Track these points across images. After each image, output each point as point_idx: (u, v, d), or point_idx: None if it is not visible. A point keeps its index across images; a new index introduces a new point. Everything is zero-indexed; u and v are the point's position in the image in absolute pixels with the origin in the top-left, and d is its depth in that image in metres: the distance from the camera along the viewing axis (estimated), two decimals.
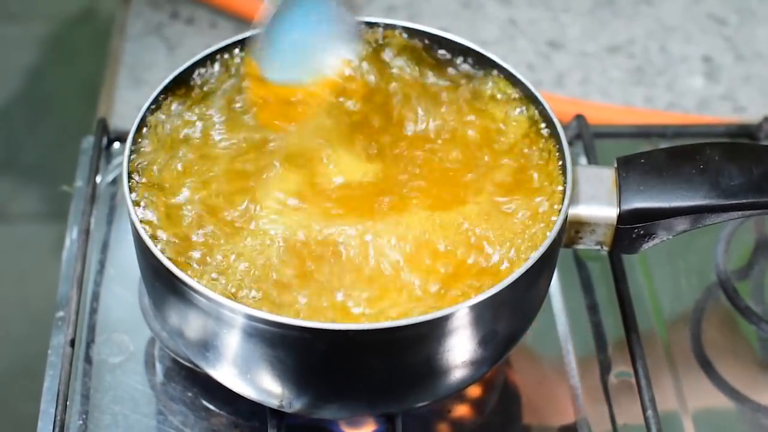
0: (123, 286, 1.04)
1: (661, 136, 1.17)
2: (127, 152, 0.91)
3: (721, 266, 1.05)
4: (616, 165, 0.91)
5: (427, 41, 1.00)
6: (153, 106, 0.95)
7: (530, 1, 1.36)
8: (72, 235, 1.07)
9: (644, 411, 0.94)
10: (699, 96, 1.27)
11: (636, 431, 0.96)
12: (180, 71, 0.97)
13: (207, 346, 0.87)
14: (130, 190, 0.89)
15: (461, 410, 0.98)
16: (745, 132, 1.16)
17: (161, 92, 0.96)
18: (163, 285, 0.87)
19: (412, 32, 1.00)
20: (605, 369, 1.01)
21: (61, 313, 1.01)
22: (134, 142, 0.92)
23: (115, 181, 1.13)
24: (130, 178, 0.90)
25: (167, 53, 1.29)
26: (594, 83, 1.28)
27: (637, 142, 1.17)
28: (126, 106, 1.23)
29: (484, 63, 0.99)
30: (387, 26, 1.01)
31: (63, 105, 2.10)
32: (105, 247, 1.08)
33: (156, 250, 0.85)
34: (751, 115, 1.24)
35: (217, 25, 1.32)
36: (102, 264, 1.06)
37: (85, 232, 1.03)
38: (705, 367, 1.02)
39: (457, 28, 1.03)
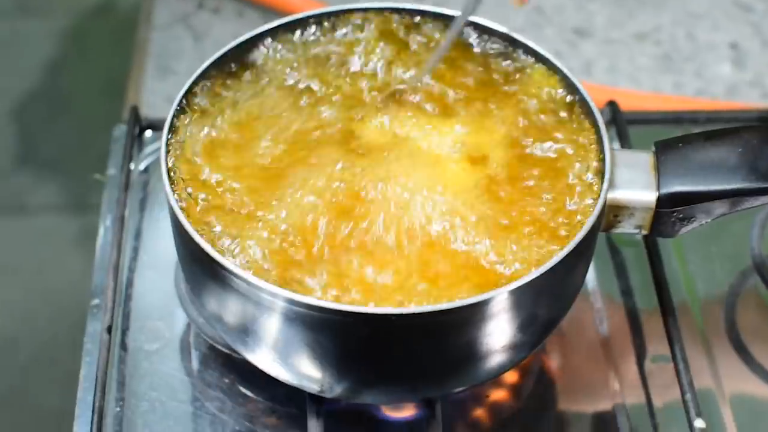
0: (157, 273, 1.04)
1: (692, 122, 1.17)
2: (164, 137, 0.91)
3: (756, 250, 1.04)
4: (654, 149, 0.91)
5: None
6: (190, 92, 0.95)
7: None
8: (105, 222, 1.07)
9: (683, 394, 0.94)
10: (727, 83, 1.27)
11: (674, 415, 0.95)
12: (219, 55, 0.97)
13: (247, 331, 0.87)
14: (168, 175, 0.89)
15: (499, 395, 0.98)
16: None
17: (199, 76, 0.95)
18: (202, 270, 0.87)
19: (443, 18, 1.01)
20: (641, 353, 1.01)
21: (96, 301, 1.01)
22: (171, 127, 0.92)
23: (147, 170, 1.12)
24: (167, 164, 0.90)
25: (194, 43, 1.28)
26: (622, 71, 1.28)
27: (668, 128, 1.17)
28: (154, 96, 1.23)
29: (518, 49, 0.99)
30: (412, 12, 1.01)
31: (83, 98, 2.10)
32: (138, 234, 1.07)
33: (195, 235, 0.85)
34: None
35: (243, 14, 1.31)
36: (136, 251, 1.06)
37: (120, 220, 1.03)
38: (740, 350, 1.02)
39: (484, 16, 1.03)
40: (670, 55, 1.30)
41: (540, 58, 0.98)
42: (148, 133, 1.14)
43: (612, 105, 1.12)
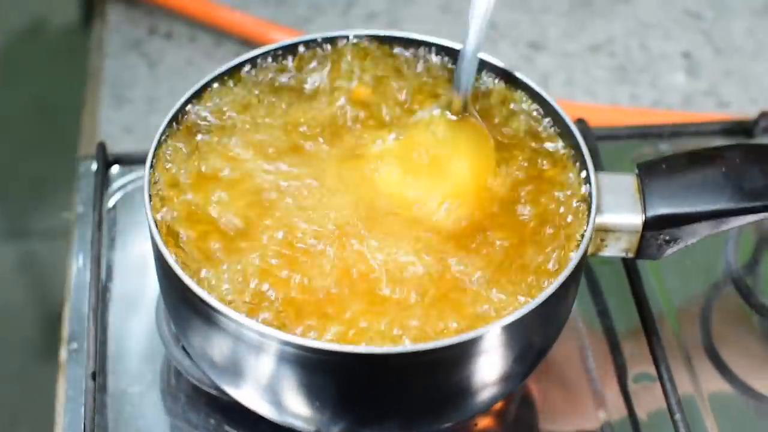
0: (134, 314, 1.02)
1: (658, 137, 1.17)
2: (147, 174, 0.89)
3: (733, 265, 1.05)
4: (637, 171, 0.91)
5: (430, 51, 1.00)
6: (168, 127, 0.92)
7: (509, 3, 1.36)
8: (78, 263, 1.04)
9: (672, 415, 0.94)
10: (682, 92, 1.28)
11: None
12: (195, 90, 0.95)
13: (242, 374, 0.85)
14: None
15: (486, 422, 0.97)
16: (742, 128, 1.16)
17: (176, 113, 0.93)
18: (191, 312, 0.85)
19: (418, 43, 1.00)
20: (623, 373, 1.01)
21: (74, 345, 0.99)
22: (151, 164, 0.90)
23: (116, 206, 1.09)
24: (151, 201, 0.88)
25: (148, 70, 1.26)
26: (578, 83, 1.28)
27: (634, 143, 1.17)
28: (110, 126, 1.21)
29: (484, 69, 0.99)
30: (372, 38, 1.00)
31: (15, 121, 2.05)
32: (110, 273, 1.05)
33: (185, 277, 0.83)
34: (734, 110, 1.25)
35: (196, 38, 1.29)
36: (108, 291, 1.03)
37: (96, 260, 1.01)
38: (720, 366, 1.02)
39: (438, 34, 1.02)
40: (625, 66, 1.30)
41: (516, 83, 0.98)
42: (115, 168, 1.11)
43: (581, 123, 1.12)
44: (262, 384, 0.85)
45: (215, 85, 0.95)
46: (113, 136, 1.18)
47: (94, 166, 1.10)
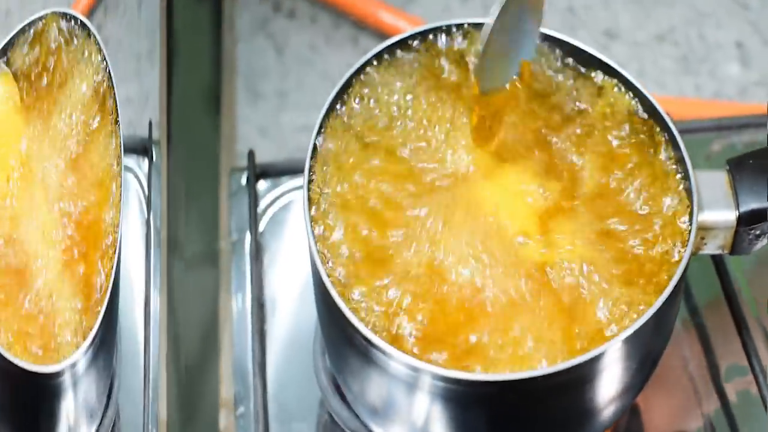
0: (289, 363, 0.94)
1: (728, 129, 1.23)
2: (305, 197, 0.84)
3: None
4: (727, 167, 0.94)
5: None
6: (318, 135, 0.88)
7: None
8: (237, 304, 0.96)
9: (766, 408, 1.00)
10: (738, 83, 1.37)
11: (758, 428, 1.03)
12: (337, 90, 0.91)
13: (400, 416, 0.87)
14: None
15: None
16: None
17: (324, 116, 0.90)
18: (362, 361, 0.83)
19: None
20: (716, 370, 1.08)
21: (241, 409, 0.92)
22: (309, 181, 0.86)
23: (264, 233, 1.00)
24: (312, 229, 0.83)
25: (276, 56, 1.29)
26: (649, 74, 1.37)
27: (709, 136, 1.23)
28: (247, 127, 1.18)
29: (582, 62, 0.99)
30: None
31: None
32: (262, 314, 0.94)
33: (361, 326, 0.80)
34: None
35: (317, 19, 1.33)
36: (264, 337, 0.94)
37: (259, 303, 0.92)
38: None
39: None
40: (687, 57, 1.39)
41: (610, 73, 0.99)
42: (261, 184, 1.01)
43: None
44: (418, 426, 0.87)
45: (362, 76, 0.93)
46: (249, 140, 1.12)
47: (244, 180, 1.00)
